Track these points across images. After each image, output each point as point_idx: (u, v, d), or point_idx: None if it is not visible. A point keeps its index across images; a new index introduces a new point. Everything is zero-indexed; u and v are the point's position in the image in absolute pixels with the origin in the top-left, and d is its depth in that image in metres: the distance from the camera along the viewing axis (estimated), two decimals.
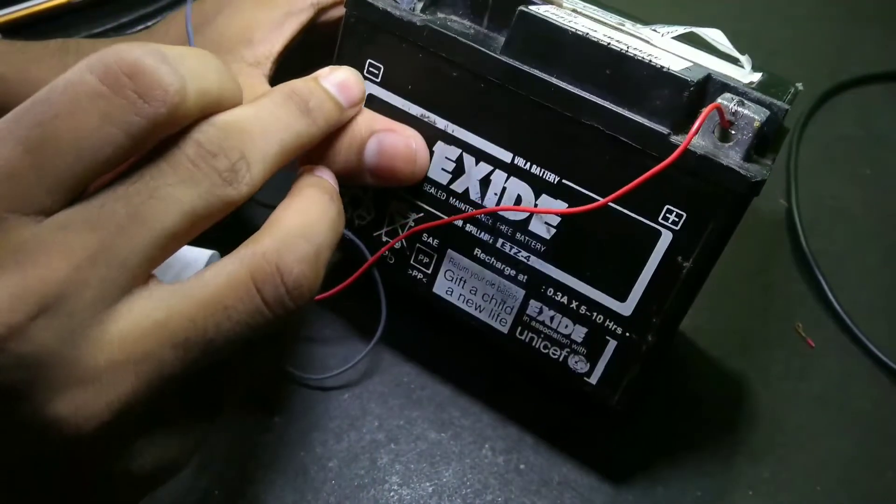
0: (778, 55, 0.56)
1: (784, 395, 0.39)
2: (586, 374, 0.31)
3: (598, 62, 0.27)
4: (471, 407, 0.36)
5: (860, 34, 0.61)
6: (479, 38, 0.30)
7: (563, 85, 0.28)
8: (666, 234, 0.28)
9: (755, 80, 0.29)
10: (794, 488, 0.35)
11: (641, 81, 0.27)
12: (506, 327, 0.32)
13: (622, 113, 0.27)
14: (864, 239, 0.47)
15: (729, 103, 0.26)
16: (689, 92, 0.26)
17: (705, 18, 0.63)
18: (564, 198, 0.29)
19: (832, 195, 0.49)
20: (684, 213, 0.27)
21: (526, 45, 0.28)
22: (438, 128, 0.31)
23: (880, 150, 0.53)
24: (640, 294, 0.29)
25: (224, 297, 0.21)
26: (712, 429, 0.37)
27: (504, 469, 0.34)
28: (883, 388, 0.40)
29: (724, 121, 0.26)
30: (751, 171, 0.26)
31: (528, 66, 0.28)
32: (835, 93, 0.55)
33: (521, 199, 0.30)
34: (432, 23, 0.30)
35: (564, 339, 0.31)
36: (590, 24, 0.29)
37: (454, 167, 0.31)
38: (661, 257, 0.28)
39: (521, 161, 0.30)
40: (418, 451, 0.34)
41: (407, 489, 0.33)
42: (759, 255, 0.45)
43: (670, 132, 0.27)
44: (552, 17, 0.28)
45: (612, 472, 0.34)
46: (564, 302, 0.31)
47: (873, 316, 0.42)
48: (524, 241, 0.31)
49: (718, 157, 0.26)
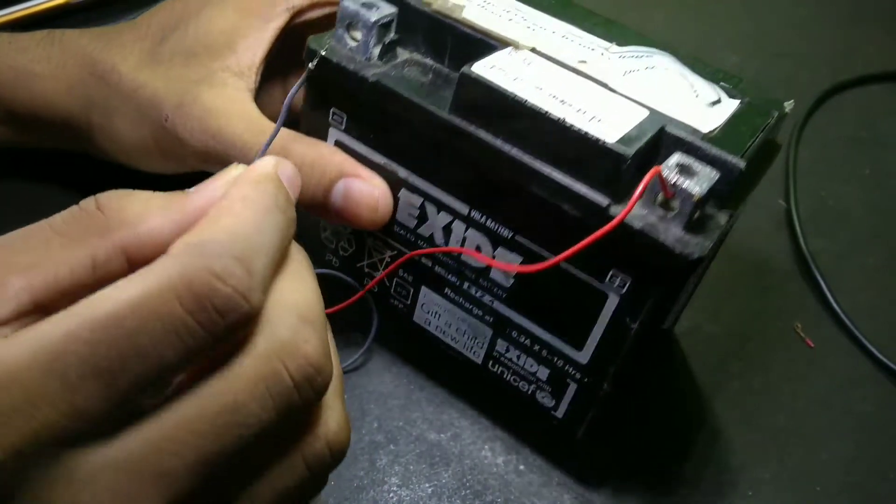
0: (779, 56, 0.55)
1: (784, 396, 0.39)
2: (553, 408, 0.32)
3: (539, 129, 0.27)
4: (470, 408, 0.36)
5: (860, 35, 0.59)
6: (436, 86, 0.30)
7: (507, 149, 0.27)
8: (613, 296, 0.28)
9: (718, 126, 0.28)
10: (794, 490, 0.35)
11: (580, 153, 0.26)
12: (479, 359, 0.34)
13: (563, 182, 0.27)
14: (863, 239, 0.46)
15: (670, 172, 0.25)
16: (627, 165, 0.25)
17: (709, 20, 0.60)
18: (519, 251, 0.30)
19: (831, 195, 0.48)
20: (629, 279, 0.27)
21: (470, 108, 0.28)
22: (401, 176, 0.31)
23: (880, 151, 0.51)
24: (594, 345, 0.29)
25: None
26: (712, 430, 0.37)
27: (504, 470, 0.34)
28: (883, 388, 0.40)
29: (666, 191, 0.25)
30: (689, 246, 0.25)
31: (474, 128, 0.28)
32: (834, 93, 0.54)
33: (480, 248, 0.30)
34: (385, 76, 0.30)
35: (531, 376, 0.32)
36: (540, 75, 0.28)
37: (419, 213, 0.32)
38: (611, 316, 0.28)
39: (477, 214, 0.30)
40: (417, 452, 0.34)
41: (406, 490, 0.33)
42: (758, 256, 0.45)
43: (610, 203, 0.26)
44: (494, 79, 0.27)
45: (612, 474, 0.34)
46: (528, 344, 0.31)
47: (873, 316, 0.42)
48: (487, 286, 0.31)
49: (657, 230, 0.26)
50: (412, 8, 0.31)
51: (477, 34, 0.30)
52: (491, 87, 0.27)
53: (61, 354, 0.18)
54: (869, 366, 0.40)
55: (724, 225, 0.27)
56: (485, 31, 0.30)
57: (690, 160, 0.26)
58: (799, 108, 0.51)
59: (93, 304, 0.18)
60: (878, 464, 0.37)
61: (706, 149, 0.27)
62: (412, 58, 0.31)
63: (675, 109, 0.28)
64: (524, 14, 0.32)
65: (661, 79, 0.29)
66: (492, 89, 0.27)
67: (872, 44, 0.60)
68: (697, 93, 0.28)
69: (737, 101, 0.30)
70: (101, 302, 0.18)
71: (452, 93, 0.28)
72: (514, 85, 0.27)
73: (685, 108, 0.28)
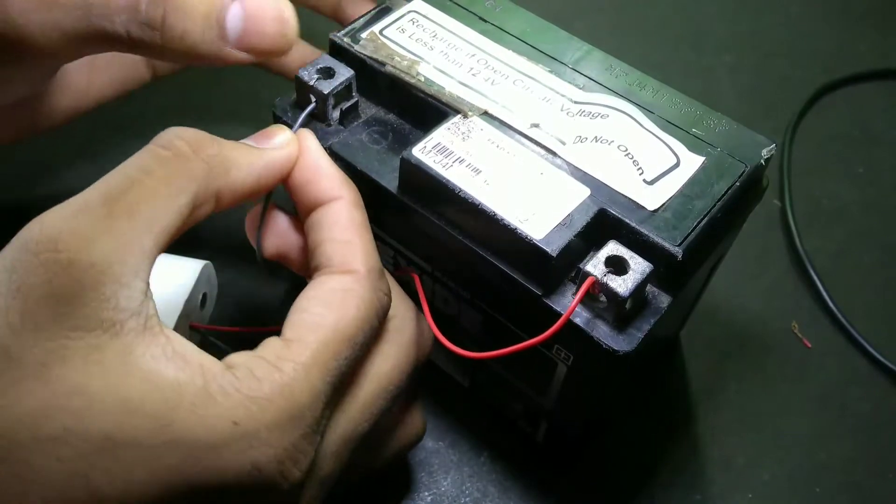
0: (771, 55, 0.55)
1: (783, 396, 0.38)
2: (533, 433, 0.34)
3: (474, 218, 0.27)
4: (468, 414, 0.36)
5: (852, 33, 0.58)
6: (394, 150, 0.30)
7: (449, 231, 0.28)
8: (561, 366, 0.29)
9: (667, 200, 0.27)
10: (794, 491, 0.36)
11: (512, 245, 0.26)
12: (466, 383, 0.36)
13: (500, 267, 0.27)
14: (858, 238, 0.45)
15: (599, 269, 0.25)
16: (554, 262, 0.25)
17: (701, 20, 0.59)
18: (479, 311, 0.31)
19: (825, 194, 0.47)
20: (571, 355, 0.28)
21: (414, 189, 0.28)
22: (374, 231, 0.32)
23: (874, 149, 0.49)
24: (555, 396, 0.31)
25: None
26: (711, 432, 0.37)
27: (503, 476, 0.34)
28: (881, 387, 0.39)
29: (596, 290, 0.25)
30: (616, 343, 0.26)
31: (420, 206, 0.28)
32: (827, 91, 0.52)
33: (448, 301, 0.32)
34: (342, 143, 0.30)
35: (509, 406, 0.34)
36: (482, 153, 0.28)
37: (394, 262, 0.33)
38: (563, 379, 0.29)
39: (439, 274, 0.31)
40: (416, 460, 0.35)
41: (406, 499, 0.34)
42: (754, 256, 0.43)
43: (542, 294, 0.26)
44: (431, 165, 0.27)
45: (612, 477, 0.35)
46: (502, 382, 0.33)
47: (869, 315, 0.41)
48: (461, 330, 0.33)
49: (589, 325, 0.26)
50: (370, 68, 0.31)
51: (429, 99, 0.30)
52: (429, 173, 0.27)
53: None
54: (867, 365, 0.40)
55: (664, 308, 0.26)
56: (436, 97, 0.29)
57: (624, 252, 0.25)
58: (792, 107, 0.51)
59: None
60: (878, 464, 0.37)
61: (646, 234, 0.26)
62: (376, 115, 0.31)
63: (623, 183, 0.27)
64: (487, 59, 0.31)
65: (615, 147, 0.28)
66: (430, 176, 0.27)
67: (864, 42, 0.57)
68: (642, 169, 0.27)
69: (701, 158, 0.28)
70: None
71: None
72: (450, 171, 0.27)
73: (632, 181, 0.27)
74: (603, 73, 0.31)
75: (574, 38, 0.32)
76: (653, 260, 0.26)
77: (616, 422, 0.37)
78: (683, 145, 0.28)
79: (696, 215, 0.27)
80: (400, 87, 0.30)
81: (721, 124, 0.29)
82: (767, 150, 0.29)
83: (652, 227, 0.26)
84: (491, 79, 0.30)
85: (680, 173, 0.27)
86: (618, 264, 0.25)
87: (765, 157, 0.29)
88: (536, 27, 0.32)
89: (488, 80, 0.30)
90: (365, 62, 0.31)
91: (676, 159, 0.28)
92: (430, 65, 0.31)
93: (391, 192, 0.29)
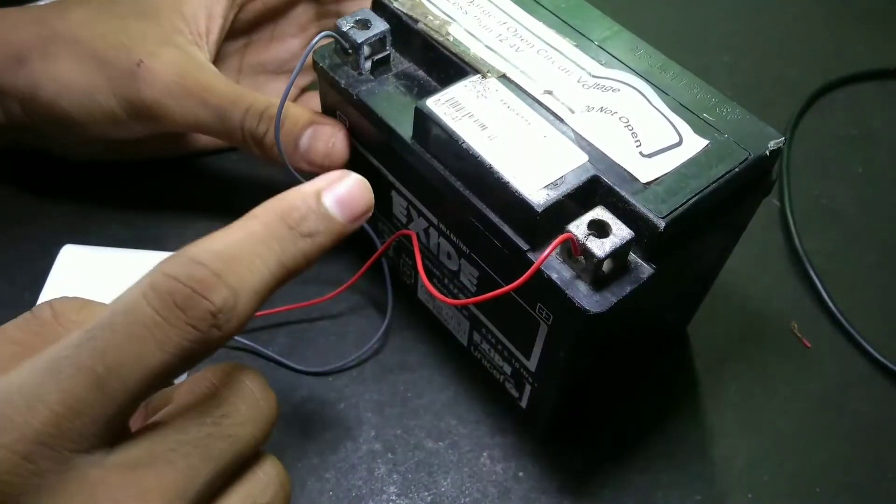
0: (770, 55, 0.55)
1: (782, 396, 0.38)
2: (518, 398, 0.35)
3: (473, 170, 0.28)
4: (468, 415, 0.36)
5: (851, 33, 0.58)
6: (412, 103, 0.31)
7: (452, 181, 0.29)
8: (543, 325, 0.30)
9: (663, 174, 0.27)
10: (794, 491, 0.35)
11: (504, 198, 0.28)
12: (464, 341, 0.37)
13: (494, 221, 0.28)
14: (857, 237, 0.44)
15: (581, 230, 0.26)
16: (539, 217, 0.27)
17: (699, 20, 0.60)
18: (476, 267, 0.32)
19: (824, 194, 0.46)
20: (551, 314, 0.29)
21: (425, 139, 0.30)
22: (389, 180, 0.34)
23: (872, 149, 0.49)
24: (537, 358, 0.32)
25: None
26: (710, 432, 0.37)
27: (503, 477, 0.34)
28: (881, 387, 0.39)
29: (576, 250, 0.26)
30: (589, 303, 0.26)
31: (429, 157, 0.30)
32: (826, 91, 0.51)
33: (450, 255, 0.33)
34: (369, 92, 0.32)
35: (499, 368, 0.35)
36: (492, 111, 0.29)
37: (406, 213, 0.35)
38: (544, 340, 0.30)
39: (443, 227, 0.32)
40: (416, 460, 0.35)
41: (405, 499, 0.34)
42: (753, 256, 0.43)
43: (529, 248, 0.28)
44: (442, 116, 0.29)
45: (612, 478, 0.35)
46: (494, 342, 0.34)
47: (869, 315, 0.41)
48: (460, 286, 0.34)
49: (566, 283, 0.27)
50: (405, 24, 0.32)
51: (453, 57, 0.31)
52: (438, 123, 0.29)
53: (55, 360, 0.19)
54: (866, 365, 0.40)
55: (644, 278, 0.27)
56: (460, 56, 0.31)
57: (608, 217, 0.26)
58: (791, 107, 0.51)
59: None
60: (877, 464, 0.36)
61: (633, 203, 0.27)
62: (406, 69, 0.33)
63: (622, 154, 0.28)
64: (517, 27, 0.32)
65: (617, 119, 0.29)
66: (439, 126, 0.29)
67: (863, 42, 0.57)
68: (640, 142, 0.28)
69: (705, 141, 0.28)
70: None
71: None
72: (457, 124, 0.29)
73: (629, 152, 0.28)
74: (627, 53, 0.32)
75: (607, 17, 0.33)
76: (636, 229, 0.26)
77: (616, 422, 0.37)
78: (690, 127, 0.29)
79: (687, 193, 0.27)
80: (429, 44, 0.32)
81: (734, 113, 0.30)
82: (775, 143, 0.29)
83: (641, 198, 0.27)
84: (516, 45, 0.31)
85: (680, 152, 0.28)
86: (601, 228, 0.26)
87: (771, 148, 0.29)
88: (571, 3, 0.34)
89: (514, 46, 0.31)
90: (401, 18, 0.32)
91: (679, 138, 0.28)
92: (462, 27, 0.32)
93: (405, 140, 0.31)
